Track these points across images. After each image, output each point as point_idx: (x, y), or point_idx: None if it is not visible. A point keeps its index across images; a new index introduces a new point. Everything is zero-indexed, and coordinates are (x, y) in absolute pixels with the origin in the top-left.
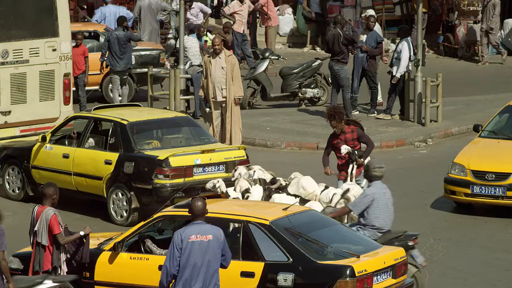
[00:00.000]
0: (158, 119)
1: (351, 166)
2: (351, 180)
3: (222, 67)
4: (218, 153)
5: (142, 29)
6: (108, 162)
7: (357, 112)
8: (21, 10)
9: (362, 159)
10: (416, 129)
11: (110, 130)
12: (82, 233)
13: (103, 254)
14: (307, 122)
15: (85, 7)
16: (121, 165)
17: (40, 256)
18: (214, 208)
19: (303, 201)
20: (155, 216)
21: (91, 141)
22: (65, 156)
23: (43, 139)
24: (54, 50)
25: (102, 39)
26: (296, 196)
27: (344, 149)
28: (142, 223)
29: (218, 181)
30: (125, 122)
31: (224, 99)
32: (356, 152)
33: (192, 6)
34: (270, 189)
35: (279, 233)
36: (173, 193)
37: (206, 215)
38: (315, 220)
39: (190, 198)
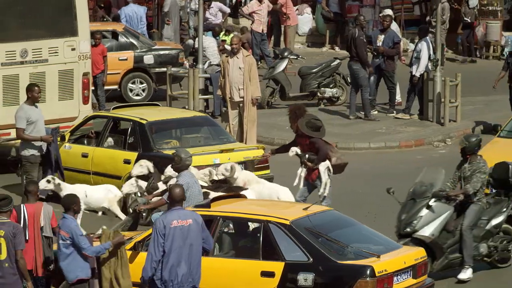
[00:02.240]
0: (177, 119)
1: (300, 168)
2: (298, 182)
3: (240, 67)
4: (237, 153)
5: (173, 28)
6: (127, 162)
7: (376, 112)
8: (40, 10)
9: (312, 164)
10: (435, 128)
11: (129, 129)
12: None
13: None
14: (325, 121)
15: (103, 5)
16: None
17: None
18: (235, 208)
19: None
20: None
21: (110, 140)
22: (84, 156)
23: (62, 138)
24: (73, 49)
25: (121, 38)
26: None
27: (291, 151)
28: None
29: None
30: (144, 122)
31: (242, 99)
32: (306, 155)
33: (211, 6)
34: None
35: (300, 233)
36: None
37: (208, 209)
38: (335, 220)
39: (209, 198)
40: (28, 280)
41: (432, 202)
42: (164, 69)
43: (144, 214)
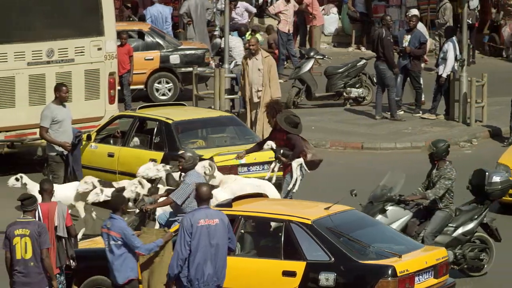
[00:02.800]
0: (203, 119)
1: (273, 163)
2: (271, 177)
3: (259, 69)
4: (263, 153)
5: (195, 29)
6: (153, 161)
7: (402, 112)
8: (66, 9)
9: (286, 159)
10: (461, 129)
11: (155, 129)
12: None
13: None
14: (351, 121)
15: (129, 5)
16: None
17: (62, 250)
18: (256, 207)
19: None
20: None
21: (136, 140)
22: (110, 155)
23: (88, 138)
24: (99, 49)
25: (147, 38)
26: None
27: (267, 145)
28: None
29: None
30: (170, 122)
31: (259, 101)
32: (281, 150)
33: (237, 6)
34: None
35: (321, 232)
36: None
37: (230, 208)
38: (357, 219)
39: (230, 198)
40: (54, 279)
41: (388, 207)
42: (190, 69)
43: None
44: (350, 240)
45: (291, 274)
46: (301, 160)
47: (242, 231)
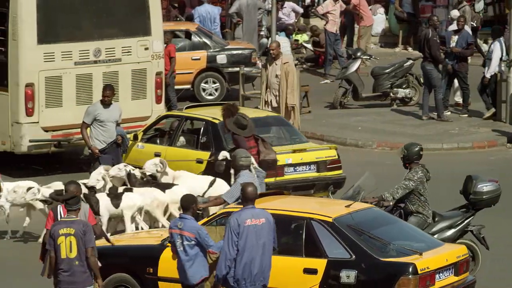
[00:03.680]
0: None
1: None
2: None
3: (277, 75)
4: (309, 153)
5: (244, 28)
6: (199, 161)
7: (449, 113)
8: (113, 9)
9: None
10: (508, 130)
11: (202, 129)
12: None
13: (166, 250)
14: (398, 122)
15: (177, 5)
16: (212, 164)
17: None
18: (277, 205)
19: None
20: (218, 212)
21: (182, 139)
22: (157, 155)
23: (135, 137)
24: (146, 49)
25: (194, 38)
26: None
27: (222, 155)
28: (205, 219)
29: None
30: (216, 121)
31: (277, 106)
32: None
33: (284, 6)
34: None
35: (342, 230)
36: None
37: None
38: (377, 217)
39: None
40: (99, 277)
41: None
42: (237, 68)
43: (202, 213)
44: (370, 237)
45: (312, 271)
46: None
47: None
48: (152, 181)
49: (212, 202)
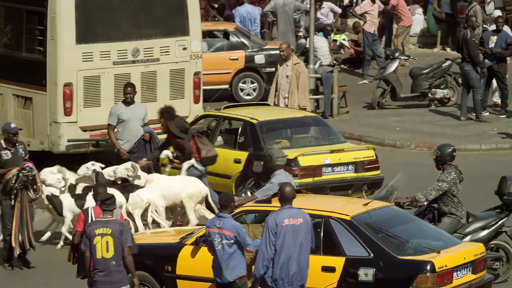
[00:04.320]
0: (287, 119)
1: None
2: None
3: (287, 76)
4: (347, 153)
5: (279, 28)
6: (237, 161)
7: (487, 114)
8: (152, 9)
9: (179, 161)
10: None
11: (240, 129)
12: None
13: (185, 248)
14: (436, 122)
15: (216, 6)
16: (250, 164)
17: None
18: (295, 203)
19: None
20: (236, 211)
21: (220, 139)
22: None
23: None
24: (184, 49)
25: (232, 38)
26: None
27: (164, 154)
28: None
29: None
30: (254, 121)
31: (285, 107)
32: (174, 154)
33: (322, 6)
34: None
35: (360, 228)
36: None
37: (269, 204)
38: (395, 215)
39: (269, 194)
40: (135, 276)
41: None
42: (274, 68)
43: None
44: (388, 236)
45: (331, 269)
46: (192, 161)
47: None
48: (123, 183)
49: (246, 200)
